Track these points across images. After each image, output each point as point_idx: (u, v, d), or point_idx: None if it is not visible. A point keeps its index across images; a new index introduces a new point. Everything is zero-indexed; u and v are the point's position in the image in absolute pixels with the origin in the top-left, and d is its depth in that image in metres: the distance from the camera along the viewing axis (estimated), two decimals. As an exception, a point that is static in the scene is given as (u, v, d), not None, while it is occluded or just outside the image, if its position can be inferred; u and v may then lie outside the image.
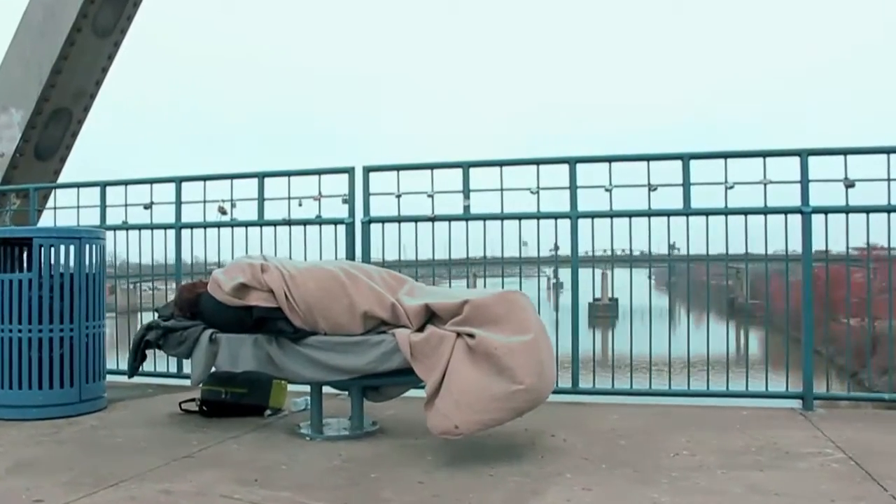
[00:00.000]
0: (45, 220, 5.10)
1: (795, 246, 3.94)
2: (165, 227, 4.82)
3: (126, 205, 4.87)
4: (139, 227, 4.84)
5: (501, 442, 3.17)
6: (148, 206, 4.81)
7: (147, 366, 4.79)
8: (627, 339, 4.48)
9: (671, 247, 4.30)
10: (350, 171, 4.42)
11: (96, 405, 3.92)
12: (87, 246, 3.88)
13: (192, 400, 3.91)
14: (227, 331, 3.41)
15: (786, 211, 3.91)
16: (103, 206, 4.91)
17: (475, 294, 3.26)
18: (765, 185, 3.92)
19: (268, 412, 3.80)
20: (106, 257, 4.07)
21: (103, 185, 4.91)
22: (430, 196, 4.30)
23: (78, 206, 4.94)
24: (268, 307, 3.29)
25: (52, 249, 3.80)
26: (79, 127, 6.21)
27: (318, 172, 4.50)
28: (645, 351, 4.26)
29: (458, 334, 3.11)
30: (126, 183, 4.89)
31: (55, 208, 5.02)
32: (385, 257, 4.45)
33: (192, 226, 4.77)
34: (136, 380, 4.69)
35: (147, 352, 3.64)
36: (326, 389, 3.93)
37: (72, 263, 3.83)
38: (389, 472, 2.81)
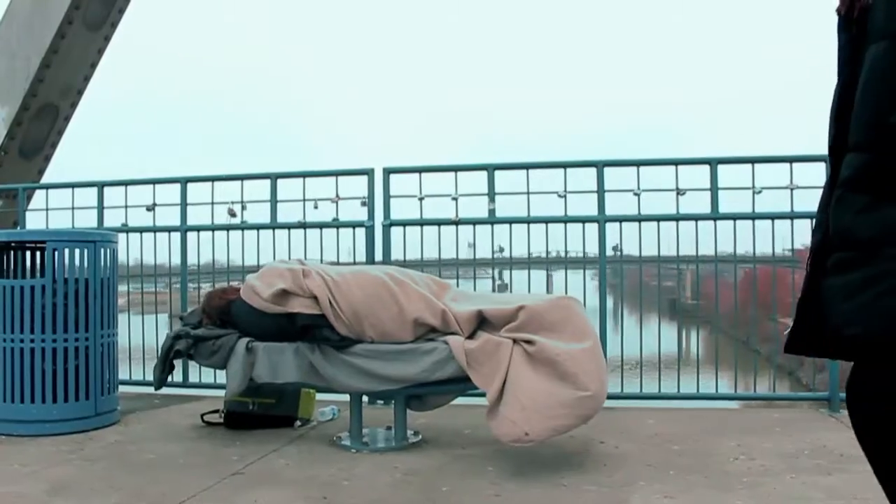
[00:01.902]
0: (35, 223, 4.81)
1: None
2: (170, 229, 4.59)
3: (126, 206, 4.63)
4: (141, 230, 4.60)
5: (554, 450, 3.12)
6: (151, 208, 4.58)
7: (136, 375, 4.65)
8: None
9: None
10: (370, 172, 4.30)
11: (111, 419, 3.71)
12: (102, 250, 3.67)
13: (215, 411, 3.74)
14: (264, 339, 3.26)
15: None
16: (100, 208, 4.66)
17: (529, 300, 3.20)
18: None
19: (298, 423, 3.65)
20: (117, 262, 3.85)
21: (101, 186, 4.66)
22: (455, 199, 4.21)
23: (73, 208, 4.68)
24: (311, 314, 3.16)
25: (67, 253, 3.58)
26: (65, 124, 5.88)
27: (336, 174, 4.37)
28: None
29: (515, 341, 3.05)
30: (126, 183, 4.65)
31: (47, 210, 4.74)
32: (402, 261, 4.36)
33: (198, 228, 4.56)
34: (138, 390, 4.51)
35: (175, 362, 3.45)
36: (345, 397, 3.83)
37: (86, 268, 3.61)
38: (459, 484, 2.72)
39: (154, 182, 4.60)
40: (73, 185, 4.73)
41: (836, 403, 3.89)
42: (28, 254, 3.76)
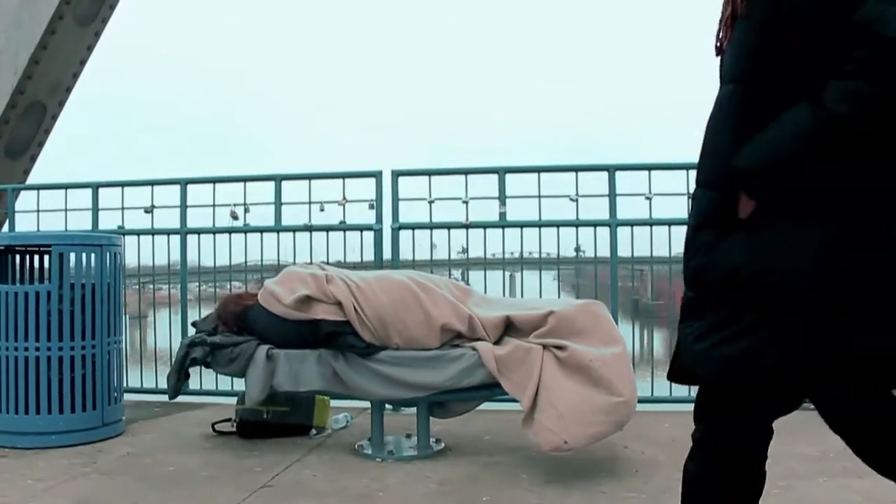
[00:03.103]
0: (24, 225, 4.63)
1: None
2: (169, 232, 4.46)
3: (123, 208, 4.49)
4: (138, 233, 4.46)
5: (584, 456, 3.09)
6: (149, 210, 4.45)
7: (133, 381, 4.51)
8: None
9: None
10: (377, 175, 4.23)
11: (117, 429, 3.58)
12: (108, 254, 3.54)
13: (227, 420, 3.64)
14: (284, 346, 3.18)
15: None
16: (95, 210, 4.50)
17: (557, 305, 3.17)
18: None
19: (313, 431, 3.57)
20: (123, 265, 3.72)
21: (95, 187, 4.51)
22: (465, 202, 4.17)
23: (66, 210, 4.52)
24: (336, 321, 3.09)
25: (73, 258, 3.44)
26: (52, 123, 5.66)
27: (343, 176, 4.29)
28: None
29: (545, 347, 3.02)
30: (123, 185, 4.51)
31: (38, 211, 4.56)
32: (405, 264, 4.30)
33: (199, 231, 4.44)
34: (136, 398, 4.38)
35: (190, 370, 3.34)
36: (355, 403, 3.77)
37: (93, 273, 3.48)
38: (497, 494, 2.69)
39: (152, 183, 4.47)
40: (66, 187, 4.57)
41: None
42: (21, 257, 3.60)
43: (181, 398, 4.32)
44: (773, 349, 1.37)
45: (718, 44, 1.55)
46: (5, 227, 4.68)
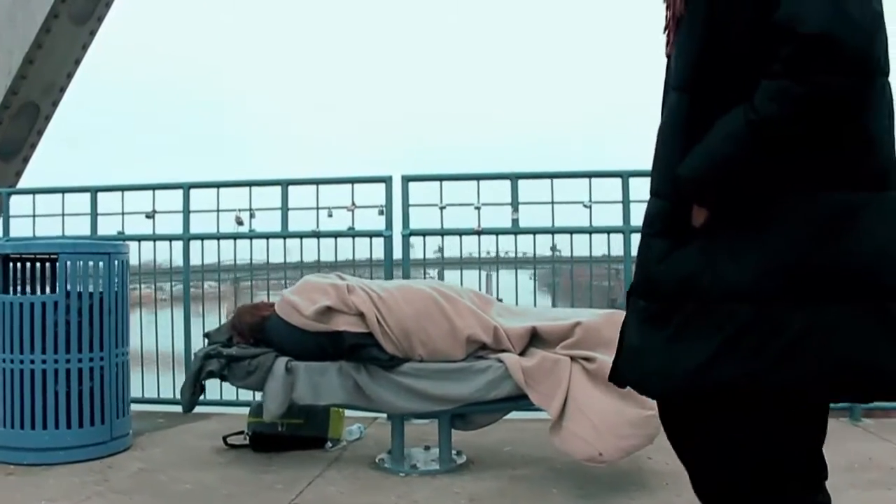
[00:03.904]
0: (18, 230, 4.47)
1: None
2: (171, 237, 4.34)
3: (123, 213, 4.35)
4: (139, 238, 4.33)
5: (609, 469, 3.03)
6: (150, 216, 4.32)
7: (134, 390, 4.39)
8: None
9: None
10: (387, 180, 4.15)
11: (125, 443, 3.47)
12: (115, 262, 3.42)
13: (239, 433, 3.54)
14: (303, 358, 3.10)
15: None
16: (94, 215, 4.36)
17: (583, 315, 3.13)
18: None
19: (328, 444, 3.48)
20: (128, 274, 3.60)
21: (94, 191, 4.37)
22: (477, 208, 4.11)
23: (63, 214, 4.38)
24: (358, 332, 3.02)
25: (80, 266, 3.33)
26: (45, 124, 5.48)
27: (351, 181, 4.20)
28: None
29: (572, 358, 2.98)
30: (123, 189, 4.37)
31: (34, 216, 4.41)
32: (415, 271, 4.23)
33: (202, 237, 4.33)
34: (137, 408, 4.25)
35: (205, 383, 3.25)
36: (364, 413, 3.69)
37: (100, 282, 3.36)
38: (533, 509, 2.64)
39: (154, 188, 4.34)
40: (63, 191, 4.42)
41: (858, 412, 3.95)
42: (23, 265, 3.47)
43: (174, 408, 4.25)
44: (728, 358, 1.33)
45: (666, 50, 1.53)
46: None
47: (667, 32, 1.53)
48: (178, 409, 4.24)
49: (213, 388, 4.12)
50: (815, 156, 1.30)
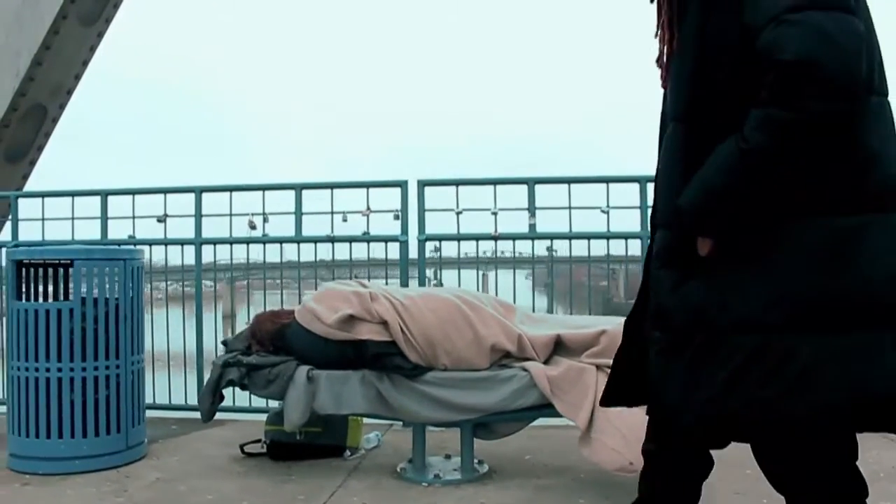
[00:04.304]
0: (27, 234, 4.41)
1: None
2: (183, 242, 4.29)
3: (133, 217, 4.30)
4: (150, 243, 4.28)
5: (632, 478, 3.01)
6: (162, 219, 4.27)
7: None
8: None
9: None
10: (403, 184, 4.10)
11: (140, 452, 3.41)
12: (130, 268, 3.37)
13: (256, 441, 3.49)
14: (324, 367, 3.06)
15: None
16: (104, 219, 4.31)
17: (608, 324, 3.09)
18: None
19: (347, 453, 3.44)
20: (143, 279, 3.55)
21: (104, 195, 4.31)
22: (494, 214, 4.07)
23: (73, 218, 4.32)
24: (382, 341, 2.97)
25: (96, 273, 3.27)
26: (52, 126, 5.41)
27: (366, 185, 4.15)
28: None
29: (598, 367, 2.94)
30: (134, 192, 4.32)
31: (42, 220, 4.35)
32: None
33: (215, 241, 4.28)
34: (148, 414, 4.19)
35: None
36: (379, 420, 3.64)
37: (116, 288, 3.31)
38: (563, 522, 2.60)
39: (165, 191, 4.28)
40: (72, 194, 4.36)
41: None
42: (35, 270, 3.42)
43: (198, 415, 4.20)
44: (738, 389, 1.36)
45: (662, 82, 1.57)
46: (6, 236, 4.46)
47: (662, 66, 1.56)
48: (190, 414, 4.24)
49: (226, 394, 4.08)
50: (815, 181, 1.31)
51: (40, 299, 3.43)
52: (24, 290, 3.37)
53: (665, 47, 1.53)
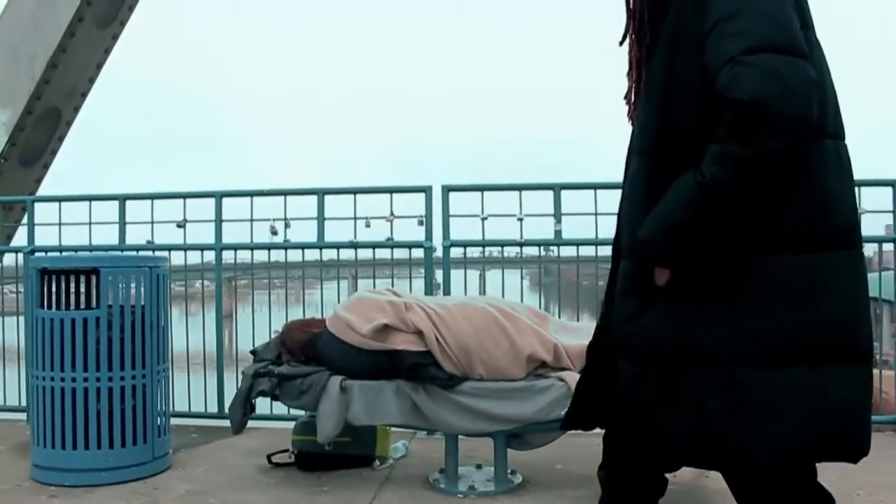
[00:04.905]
0: (43, 238, 4.35)
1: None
2: (203, 247, 4.24)
3: (152, 222, 4.24)
4: (169, 248, 4.21)
5: (671, 487, 2.98)
6: (182, 225, 4.21)
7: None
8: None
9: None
10: (427, 190, 4.05)
11: (166, 462, 3.36)
12: (156, 276, 3.31)
13: (284, 451, 3.44)
14: (357, 377, 3.01)
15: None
16: (122, 224, 4.25)
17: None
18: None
19: (376, 462, 3.39)
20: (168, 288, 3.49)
21: (122, 200, 4.25)
22: (520, 220, 4.02)
23: (90, 223, 4.26)
24: (418, 352, 2.93)
25: (121, 280, 3.22)
26: (66, 129, 5.33)
27: (390, 191, 4.10)
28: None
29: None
30: (153, 197, 4.26)
31: (60, 224, 4.28)
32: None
33: (235, 247, 4.22)
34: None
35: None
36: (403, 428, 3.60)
37: (142, 297, 3.26)
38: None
39: (185, 196, 4.22)
40: (90, 198, 4.30)
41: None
42: (57, 277, 3.35)
43: (218, 422, 4.15)
44: (700, 420, 1.42)
45: (629, 118, 1.65)
46: (22, 241, 4.39)
47: (629, 101, 1.65)
48: (208, 422, 4.20)
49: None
50: (776, 218, 1.37)
51: (61, 307, 3.35)
52: (47, 297, 3.30)
53: (633, 84, 1.61)
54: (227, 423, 4.07)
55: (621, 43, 1.64)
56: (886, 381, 4.29)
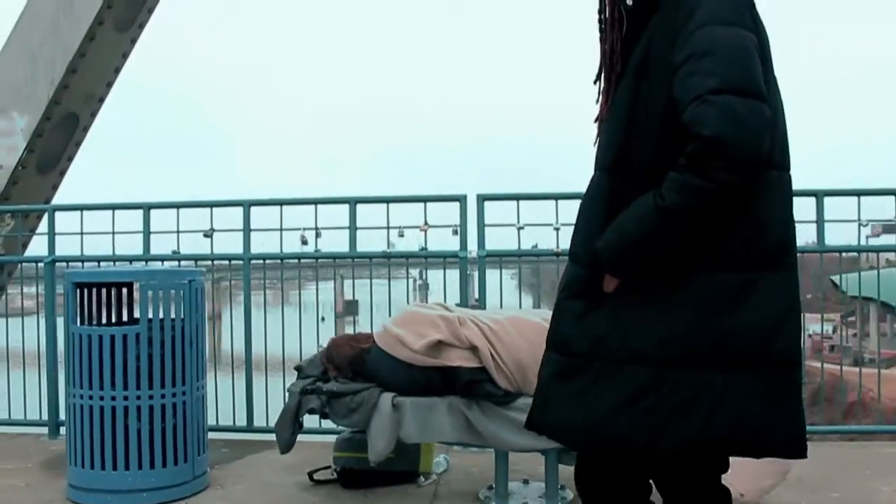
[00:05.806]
0: (63, 248, 4.23)
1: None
2: (231, 257, 4.14)
3: (178, 231, 4.14)
4: (195, 258, 4.12)
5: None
6: (209, 234, 4.11)
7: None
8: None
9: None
10: (462, 199, 3.97)
11: (205, 482, 3.26)
12: (195, 290, 3.22)
13: (326, 468, 3.36)
14: (408, 393, 2.93)
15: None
16: (147, 233, 4.14)
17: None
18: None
19: (421, 479, 3.32)
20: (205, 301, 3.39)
21: (147, 208, 4.15)
22: (557, 229, 3.96)
23: (113, 232, 4.15)
24: (473, 368, 2.86)
25: (161, 295, 3.12)
26: (83, 135, 5.21)
27: (423, 200, 4.02)
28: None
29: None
30: (178, 206, 4.15)
31: (82, 234, 4.17)
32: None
33: (264, 257, 4.13)
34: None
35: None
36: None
37: (182, 312, 3.16)
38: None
39: (212, 205, 4.12)
40: (113, 207, 4.19)
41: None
42: (89, 291, 3.25)
43: (250, 436, 4.06)
44: (626, 415, 1.54)
45: (595, 142, 1.75)
46: (41, 250, 4.26)
47: (598, 123, 1.76)
48: (240, 436, 4.10)
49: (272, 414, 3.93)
50: (714, 240, 1.52)
51: (95, 322, 3.25)
52: (80, 311, 3.20)
53: (602, 111, 1.75)
54: (256, 436, 4.03)
55: (595, 81, 1.78)
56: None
